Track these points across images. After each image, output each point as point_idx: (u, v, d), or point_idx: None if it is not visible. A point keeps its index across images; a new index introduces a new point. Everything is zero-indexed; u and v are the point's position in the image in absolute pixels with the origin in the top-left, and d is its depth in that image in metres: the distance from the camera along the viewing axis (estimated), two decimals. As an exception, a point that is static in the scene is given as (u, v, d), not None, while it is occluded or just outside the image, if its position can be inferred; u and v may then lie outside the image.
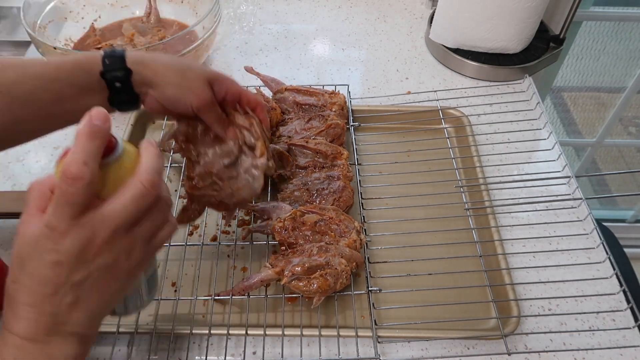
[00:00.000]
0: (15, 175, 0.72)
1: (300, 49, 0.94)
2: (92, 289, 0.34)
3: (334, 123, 0.69)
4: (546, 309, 0.58)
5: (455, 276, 0.60)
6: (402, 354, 0.55)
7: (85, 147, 0.31)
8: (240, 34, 0.97)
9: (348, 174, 0.64)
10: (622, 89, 1.44)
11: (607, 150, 1.71)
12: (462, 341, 0.55)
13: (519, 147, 0.73)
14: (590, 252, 0.63)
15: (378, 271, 0.60)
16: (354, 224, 0.59)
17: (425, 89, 0.85)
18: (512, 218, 0.67)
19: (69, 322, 0.34)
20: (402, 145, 0.74)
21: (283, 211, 0.60)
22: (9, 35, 1.00)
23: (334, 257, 0.55)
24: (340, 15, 1.02)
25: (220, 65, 0.90)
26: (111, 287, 0.35)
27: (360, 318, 0.57)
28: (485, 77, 0.86)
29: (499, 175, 0.70)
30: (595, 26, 1.38)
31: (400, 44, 0.95)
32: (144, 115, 0.77)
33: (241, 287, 0.56)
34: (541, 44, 0.88)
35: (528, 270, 0.61)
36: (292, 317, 0.57)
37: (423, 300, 0.58)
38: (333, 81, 0.87)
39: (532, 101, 0.76)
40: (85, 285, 0.33)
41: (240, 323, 0.56)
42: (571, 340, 0.56)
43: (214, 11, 0.80)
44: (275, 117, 0.71)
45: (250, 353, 0.55)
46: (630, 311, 0.56)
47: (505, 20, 0.81)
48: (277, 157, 0.65)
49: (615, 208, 1.74)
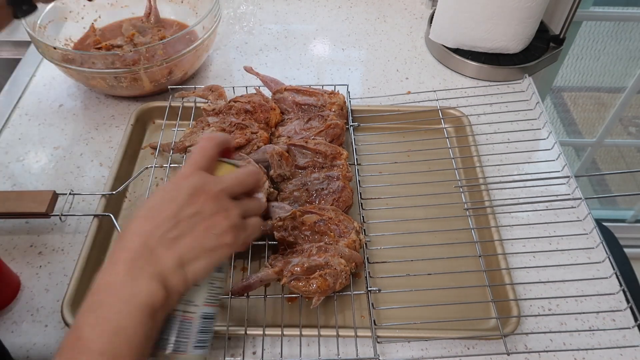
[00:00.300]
0: (15, 175, 0.72)
1: (300, 49, 0.94)
2: (191, 232, 0.40)
3: (333, 123, 0.69)
4: (546, 309, 0.58)
5: (455, 276, 0.60)
6: (402, 354, 0.55)
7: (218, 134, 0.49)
8: (240, 34, 0.97)
9: (347, 174, 0.64)
10: (622, 89, 1.44)
11: (607, 150, 1.71)
12: (462, 341, 0.55)
13: (518, 147, 0.73)
14: (590, 252, 0.63)
15: (377, 271, 0.60)
16: (354, 224, 0.59)
17: (425, 89, 0.85)
18: (511, 218, 0.67)
19: (161, 260, 0.39)
20: (402, 145, 0.74)
21: (282, 211, 0.60)
22: (9, 35, 1.00)
23: (334, 257, 0.55)
24: (340, 15, 1.02)
25: (220, 65, 0.90)
26: (204, 240, 0.40)
27: (359, 318, 0.57)
28: (485, 77, 0.86)
29: (498, 175, 0.70)
30: (595, 26, 1.38)
31: (400, 44, 0.95)
32: (144, 115, 0.78)
33: (240, 287, 0.56)
34: (541, 44, 0.88)
35: (528, 270, 0.61)
36: (291, 317, 0.57)
37: (423, 300, 0.58)
38: (333, 81, 0.87)
39: (532, 101, 0.76)
40: (188, 226, 0.40)
41: (239, 323, 0.56)
42: (571, 340, 0.56)
43: (214, 11, 0.80)
44: (274, 117, 0.71)
45: (249, 353, 0.55)
46: (630, 311, 0.56)
47: (505, 20, 0.81)
48: (277, 157, 0.65)
49: (615, 208, 1.74)
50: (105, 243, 0.64)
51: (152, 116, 0.79)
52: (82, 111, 0.82)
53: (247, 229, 0.44)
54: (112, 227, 0.65)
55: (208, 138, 0.45)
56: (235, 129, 0.69)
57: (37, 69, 0.89)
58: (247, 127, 0.69)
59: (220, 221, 0.41)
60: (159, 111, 0.78)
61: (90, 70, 0.74)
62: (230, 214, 0.42)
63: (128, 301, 0.37)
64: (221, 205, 0.41)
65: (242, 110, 0.71)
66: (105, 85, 0.78)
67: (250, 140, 0.67)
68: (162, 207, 0.40)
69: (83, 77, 0.76)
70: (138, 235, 0.39)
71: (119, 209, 0.68)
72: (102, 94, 0.84)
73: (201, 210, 0.40)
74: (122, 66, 0.73)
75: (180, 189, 0.41)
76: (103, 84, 0.77)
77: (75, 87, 0.85)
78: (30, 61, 0.90)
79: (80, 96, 0.84)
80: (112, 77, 0.75)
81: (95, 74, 0.74)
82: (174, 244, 0.39)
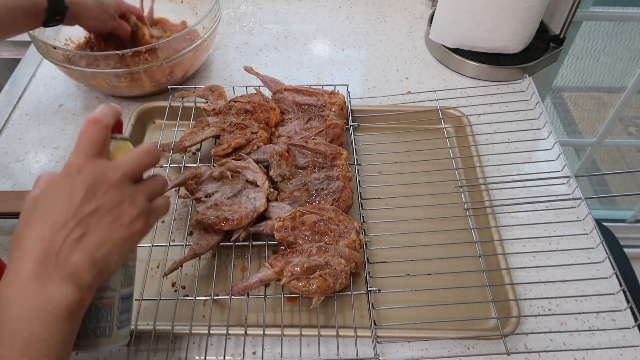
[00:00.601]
0: (15, 175, 0.72)
1: (300, 49, 0.94)
2: (97, 227, 0.37)
3: (333, 123, 0.69)
4: (546, 309, 0.58)
5: (455, 276, 0.60)
6: (402, 354, 0.55)
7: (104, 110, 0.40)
8: (240, 34, 0.97)
9: (347, 174, 0.64)
10: (622, 89, 1.44)
11: (607, 150, 1.71)
12: (462, 341, 0.55)
13: (518, 147, 0.73)
14: (590, 252, 0.63)
15: (377, 271, 0.60)
16: (354, 224, 0.59)
17: (425, 89, 0.85)
18: (512, 218, 0.67)
19: (70, 261, 0.36)
20: (402, 145, 0.74)
21: (282, 211, 0.60)
22: (9, 36, 1.00)
23: (334, 257, 0.55)
24: (340, 15, 1.02)
25: (220, 65, 0.90)
26: (114, 233, 0.38)
27: (359, 318, 0.57)
28: (485, 77, 0.86)
29: (498, 175, 0.70)
30: (595, 26, 1.38)
31: (400, 44, 0.95)
32: (144, 115, 0.77)
33: (240, 287, 0.56)
34: (541, 44, 0.88)
35: (528, 270, 0.61)
36: (291, 317, 0.57)
37: (423, 300, 0.58)
38: (333, 81, 0.87)
39: (532, 101, 0.76)
40: (92, 222, 0.37)
41: (239, 323, 0.56)
42: (571, 340, 0.56)
43: (214, 11, 0.80)
44: (274, 117, 0.71)
45: (249, 353, 0.55)
46: (630, 311, 0.56)
47: (505, 20, 0.81)
48: (276, 157, 0.65)
49: (615, 208, 1.74)
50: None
51: (152, 116, 0.79)
52: (82, 111, 0.82)
53: (156, 211, 0.42)
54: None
55: (94, 120, 0.39)
56: (235, 129, 0.69)
57: (37, 69, 0.89)
58: (247, 127, 0.69)
59: (127, 210, 0.39)
60: (159, 111, 0.78)
61: (90, 70, 0.74)
62: (135, 200, 0.39)
63: (40, 309, 0.35)
64: (124, 193, 0.39)
65: (242, 110, 0.71)
66: (105, 85, 0.78)
67: (250, 140, 0.67)
68: (59, 206, 0.37)
69: (83, 77, 0.77)
70: (38, 241, 0.36)
71: (119, 209, 0.68)
72: (102, 94, 0.84)
73: (104, 203, 0.38)
74: (122, 66, 0.74)
75: (75, 183, 0.37)
76: (103, 84, 0.77)
77: (75, 87, 0.85)
78: (30, 61, 0.90)
79: (80, 96, 0.84)
80: (112, 77, 0.75)
81: (96, 74, 0.74)
82: (80, 242, 0.37)
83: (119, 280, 0.43)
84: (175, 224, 0.65)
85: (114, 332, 0.43)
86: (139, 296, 0.56)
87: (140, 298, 0.56)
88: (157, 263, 0.62)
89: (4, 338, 0.34)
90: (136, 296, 0.56)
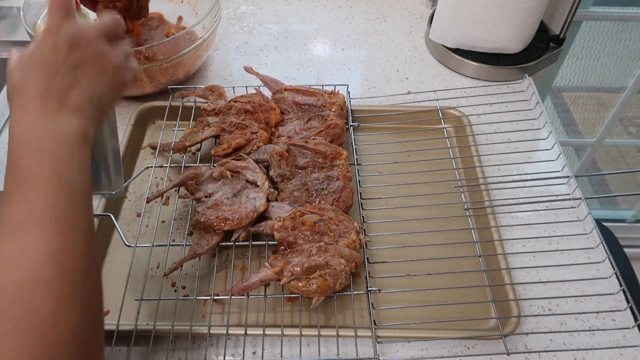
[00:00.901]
0: (15, 175, 0.72)
1: (300, 49, 0.94)
2: (86, 73, 0.41)
3: (333, 123, 0.69)
4: (546, 309, 0.58)
5: (455, 276, 0.60)
6: (402, 354, 0.55)
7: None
8: (240, 34, 0.97)
9: (347, 174, 0.64)
10: (622, 89, 1.44)
11: (607, 150, 1.71)
12: (462, 341, 0.55)
13: (518, 147, 0.73)
14: (590, 252, 0.63)
15: (377, 271, 0.60)
16: (354, 224, 0.59)
17: (425, 89, 0.85)
18: (512, 218, 0.67)
19: (70, 99, 0.40)
20: (402, 145, 0.74)
21: (282, 211, 0.60)
22: (9, 35, 1.00)
23: (333, 257, 0.55)
24: (340, 15, 1.02)
25: (220, 65, 0.90)
26: (101, 79, 0.42)
27: (359, 318, 0.57)
28: (485, 77, 0.86)
29: (498, 175, 0.70)
30: (595, 26, 1.38)
31: (400, 44, 0.95)
32: (144, 115, 0.77)
33: (240, 287, 0.55)
34: (541, 44, 0.88)
35: (528, 270, 0.61)
36: (291, 317, 0.57)
37: (423, 300, 0.58)
38: (333, 81, 0.87)
39: (532, 101, 0.76)
40: (80, 70, 0.41)
41: (239, 323, 0.56)
42: (571, 340, 0.56)
43: (214, 11, 0.80)
44: (274, 117, 0.71)
45: (249, 353, 0.55)
46: (630, 311, 0.56)
47: (505, 20, 0.81)
48: (276, 157, 0.65)
49: (615, 208, 1.74)
50: (105, 243, 0.64)
51: (152, 116, 0.79)
52: (82, 111, 0.82)
53: (133, 69, 0.47)
54: (112, 227, 0.65)
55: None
56: (235, 129, 0.69)
57: (37, 69, 0.89)
58: (247, 127, 0.69)
59: (108, 62, 0.43)
60: (159, 111, 0.78)
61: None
62: (114, 54, 0.44)
63: (58, 134, 0.38)
64: (104, 48, 0.43)
65: (242, 110, 0.71)
66: (105, 85, 0.77)
67: (250, 140, 0.68)
68: (47, 58, 0.40)
69: (83, 77, 0.76)
70: (35, 83, 0.39)
71: (119, 209, 0.68)
72: (102, 94, 0.84)
73: (87, 54, 0.41)
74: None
75: (57, 39, 0.40)
76: (103, 84, 0.77)
77: (75, 87, 0.85)
78: (30, 61, 0.90)
79: (80, 96, 0.84)
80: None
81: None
82: (74, 85, 0.40)
83: (107, 134, 0.49)
84: (175, 224, 0.65)
85: (112, 179, 0.52)
86: (139, 296, 0.56)
87: (140, 298, 0.56)
88: (157, 263, 0.62)
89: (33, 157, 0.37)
90: (136, 296, 0.57)
